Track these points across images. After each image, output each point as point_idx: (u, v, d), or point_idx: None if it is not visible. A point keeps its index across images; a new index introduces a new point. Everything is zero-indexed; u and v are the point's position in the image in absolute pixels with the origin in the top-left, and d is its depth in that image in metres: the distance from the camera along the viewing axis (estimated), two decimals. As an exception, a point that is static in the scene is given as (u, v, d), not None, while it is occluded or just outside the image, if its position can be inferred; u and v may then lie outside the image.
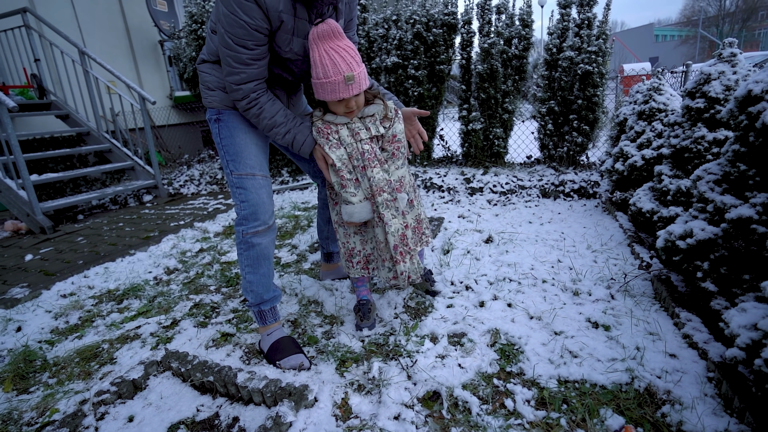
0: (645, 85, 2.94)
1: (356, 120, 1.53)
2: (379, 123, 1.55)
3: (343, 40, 1.38)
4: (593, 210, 3.17)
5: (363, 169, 1.53)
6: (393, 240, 1.53)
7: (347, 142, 1.52)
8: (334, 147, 1.51)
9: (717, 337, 1.42)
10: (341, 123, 1.52)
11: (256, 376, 1.37)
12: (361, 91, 1.45)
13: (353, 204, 1.53)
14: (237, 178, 1.52)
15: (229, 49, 1.34)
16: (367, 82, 1.46)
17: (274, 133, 1.50)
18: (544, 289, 1.96)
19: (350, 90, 1.38)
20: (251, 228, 1.53)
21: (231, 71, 1.39)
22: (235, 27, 1.29)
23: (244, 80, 1.40)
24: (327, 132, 1.52)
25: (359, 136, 1.52)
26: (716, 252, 1.51)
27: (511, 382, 1.37)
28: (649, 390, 1.28)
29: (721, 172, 1.57)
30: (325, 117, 1.53)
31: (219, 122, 1.55)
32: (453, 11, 4.28)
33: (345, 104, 1.44)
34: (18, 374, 1.62)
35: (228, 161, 1.54)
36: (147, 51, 7.05)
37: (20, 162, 3.48)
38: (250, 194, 1.52)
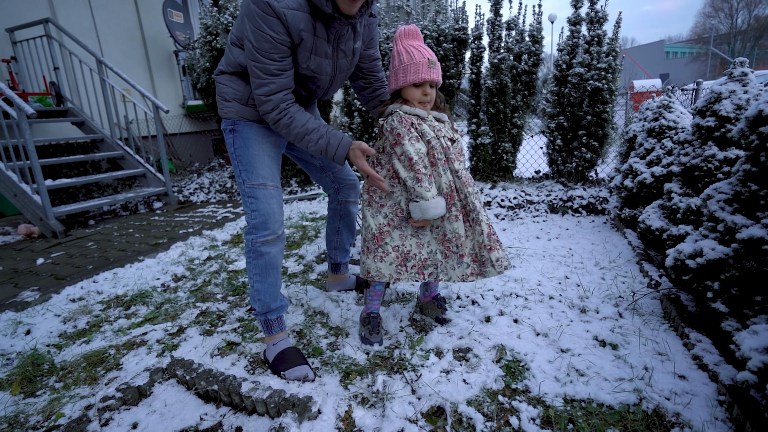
0: (655, 102, 2.94)
1: (432, 120, 1.55)
2: (449, 130, 1.59)
3: (422, 41, 1.53)
4: (601, 226, 3.14)
5: (446, 162, 1.53)
6: (486, 228, 1.53)
7: (430, 136, 1.51)
8: (414, 139, 1.49)
9: (728, 359, 1.40)
10: (422, 117, 1.53)
11: (260, 386, 1.37)
12: (437, 84, 1.52)
13: (427, 200, 1.48)
14: (249, 187, 1.54)
15: (257, 61, 1.38)
16: (440, 81, 1.54)
17: (306, 140, 1.50)
18: (551, 306, 1.95)
19: (432, 73, 1.46)
20: (261, 237, 1.54)
21: (260, 83, 1.41)
22: (262, 41, 1.34)
23: (273, 91, 1.42)
24: (409, 122, 1.50)
25: (441, 132, 1.53)
26: (727, 272, 1.49)
27: (517, 399, 1.36)
28: (657, 412, 1.26)
29: (732, 192, 1.56)
30: (402, 108, 1.53)
31: (234, 132, 1.58)
32: (463, 26, 4.33)
33: (423, 90, 1.48)
34: (26, 377, 1.64)
35: (241, 171, 1.56)
36: (162, 61, 7.20)
37: (36, 167, 3.55)
38: (261, 204, 1.53)
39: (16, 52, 5.04)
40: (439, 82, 1.54)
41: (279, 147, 1.68)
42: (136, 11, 6.74)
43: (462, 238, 1.56)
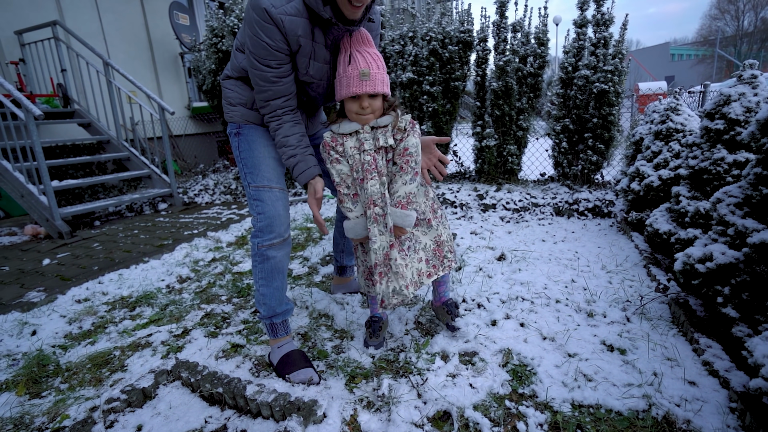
0: (662, 105, 2.92)
1: (367, 129, 1.47)
2: (390, 135, 1.49)
3: (371, 47, 1.43)
4: (608, 229, 3.12)
5: (361, 181, 1.48)
6: (374, 257, 1.47)
7: (349, 154, 1.48)
8: (334, 162, 1.50)
9: (739, 365, 1.38)
10: (349, 133, 1.48)
11: (265, 389, 1.37)
12: (377, 94, 1.42)
13: (349, 219, 1.53)
14: (254, 190, 1.54)
15: (255, 68, 1.41)
16: (386, 88, 1.44)
17: (281, 152, 1.52)
18: (558, 310, 1.93)
19: (363, 86, 1.38)
20: (267, 240, 1.53)
21: (259, 89, 1.45)
22: (259, 48, 1.36)
23: (271, 97, 1.45)
24: (331, 146, 1.50)
25: (362, 147, 1.47)
26: (737, 277, 1.47)
27: (524, 404, 1.34)
28: (667, 418, 1.24)
29: (742, 195, 1.54)
30: (332, 127, 1.52)
31: (239, 136, 1.59)
32: (469, 29, 4.33)
33: (359, 103, 1.42)
34: (31, 378, 1.64)
35: (246, 173, 1.57)
36: (168, 63, 7.24)
37: (43, 168, 3.57)
38: (267, 206, 1.53)
39: (24, 55, 5.08)
40: (379, 92, 1.42)
41: None
42: (142, 14, 6.78)
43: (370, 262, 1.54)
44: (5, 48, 5.04)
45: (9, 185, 3.78)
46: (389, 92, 1.47)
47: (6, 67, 5.03)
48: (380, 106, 1.47)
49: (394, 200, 1.50)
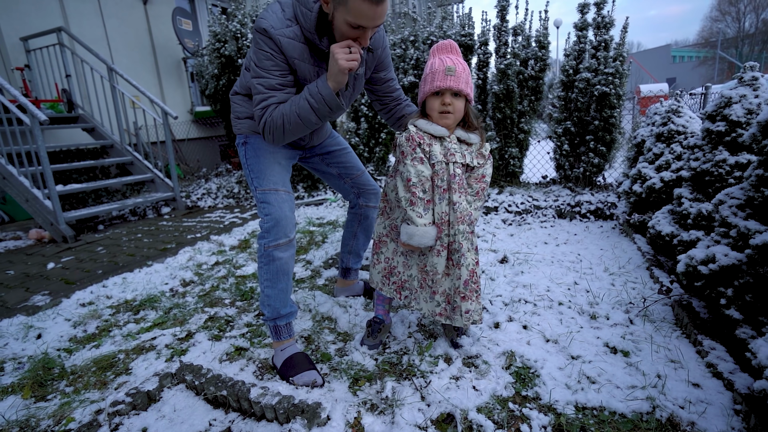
0: (663, 107, 2.92)
1: (454, 140, 1.45)
2: (474, 155, 1.48)
3: (459, 56, 1.45)
4: (610, 232, 3.12)
5: (445, 191, 1.44)
6: (466, 274, 1.47)
7: (438, 159, 1.42)
8: (417, 160, 1.41)
9: (743, 367, 1.38)
10: (437, 137, 1.44)
11: (269, 392, 1.37)
12: (461, 93, 1.41)
13: (417, 226, 1.42)
14: (261, 193, 1.58)
15: (260, 77, 1.45)
16: (469, 90, 1.43)
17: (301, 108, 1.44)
18: (561, 312, 1.93)
19: (448, 80, 1.37)
20: (273, 241, 1.54)
21: (261, 98, 1.46)
22: (263, 59, 1.43)
23: (270, 103, 1.46)
24: (418, 142, 1.42)
25: (453, 158, 1.43)
26: (741, 278, 1.47)
27: (527, 406, 1.34)
28: (671, 421, 1.24)
29: (744, 197, 1.55)
30: (418, 122, 1.46)
31: (246, 145, 1.67)
32: (470, 32, 4.35)
33: (441, 100, 1.40)
34: (37, 381, 1.65)
35: (253, 178, 1.62)
36: (171, 67, 7.29)
37: (47, 173, 3.59)
38: (273, 208, 1.56)
39: (29, 60, 5.13)
40: (463, 92, 1.41)
41: (290, 158, 1.75)
42: (146, 19, 6.83)
43: (439, 275, 1.50)
44: (11, 54, 5.09)
45: (14, 190, 3.80)
46: (472, 97, 1.46)
47: (12, 73, 5.07)
48: (462, 109, 1.43)
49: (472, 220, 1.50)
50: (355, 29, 1.37)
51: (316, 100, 1.43)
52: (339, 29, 1.40)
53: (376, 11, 1.32)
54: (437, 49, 1.47)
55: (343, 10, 1.32)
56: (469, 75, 1.43)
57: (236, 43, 5.13)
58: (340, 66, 1.37)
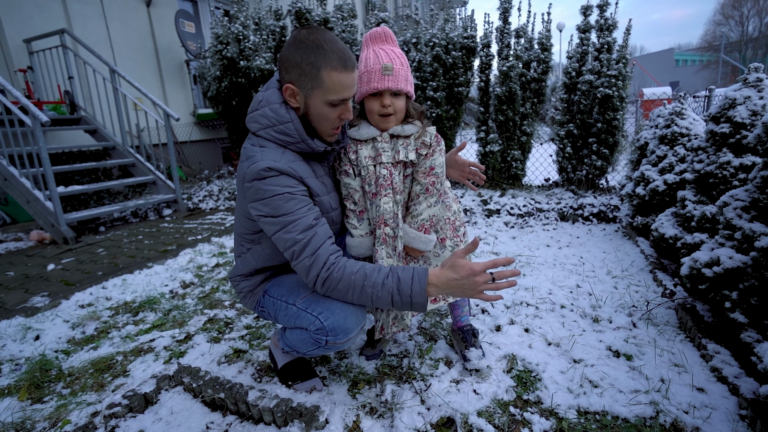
0: (666, 110, 2.90)
1: (385, 138, 1.34)
2: (413, 148, 1.35)
3: (394, 46, 1.34)
4: (613, 234, 3.10)
5: (374, 196, 1.34)
6: None
7: (363, 165, 1.34)
8: (343, 173, 1.38)
9: (748, 371, 1.35)
10: (366, 139, 1.35)
11: (267, 395, 1.35)
12: (401, 92, 1.30)
13: (353, 237, 1.41)
14: (303, 301, 1.31)
15: (287, 227, 1.20)
16: (409, 87, 1.32)
17: (365, 290, 1.19)
18: (563, 315, 1.91)
19: (386, 81, 1.26)
20: (342, 338, 1.27)
21: (300, 248, 1.20)
22: (283, 203, 1.20)
23: (318, 245, 1.21)
24: (343, 152, 1.38)
25: (380, 158, 1.33)
26: (745, 281, 1.45)
27: (528, 410, 1.32)
28: (675, 426, 1.22)
29: (749, 199, 1.53)
30: (350, 131, 1.37)
31: (266, 294, 1.44)
32: (472, 35, 4.34)
33: (380, 101, 1.29)
34: (33, 383, 1.63)
35: (284, 301, 1.36)
36: (173, 70, 7.31)
37: (49, 174, 3.60)
38: (325, 301, 1.27)
39: (32, 62, 5.15)
40: (403, 90, 1.31)
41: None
42: (149, 22, 6.86)
43: None
44: (14, 56, 5.11)
45: (15, 191, 3.81)
46: (413, 93, 1.35)
47: (14, 74, 5.09)
48: (403, 108, 1.33)
49: (417, 223, 1.39)
50: (336, 106, 1.25)
51: (402, 299, 1.17)
52: (320, 115, 1.26)
53: (353, 78, 1.24)
54: (370, 39, 1.34)
55: (320, 92, 1.21)
56: (408, 69, 1.33)
57: (238, 45, 5.14)
58: (469, 294, 1.17)
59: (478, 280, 1.14)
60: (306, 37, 1.20)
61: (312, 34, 1.20)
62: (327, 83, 1.20)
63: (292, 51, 1.21)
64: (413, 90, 1.36)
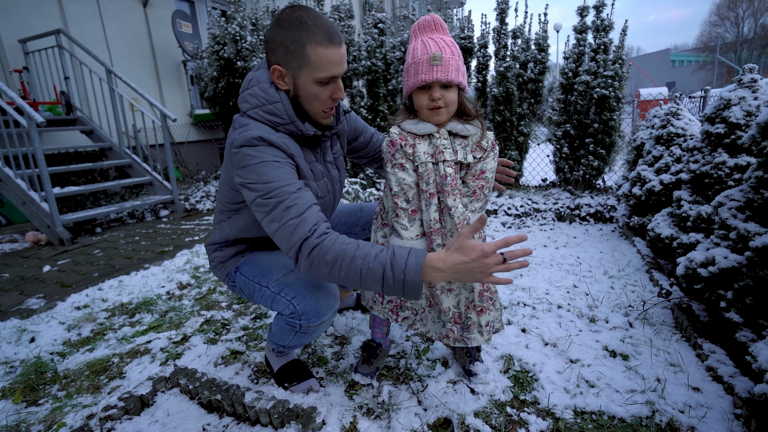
0: (663, 110, 2.92)
1: (444, 134, 1.24)
2: (470, 150, 1.26)
3: (445, 35, 1.22)
4: (610, 234, 3.11)
5: (432, 196, 1.23)
6: (478, 284, 1.27)
7: (422, 161, 1.22)
8: (397, 167, 1.25)
9: (743, 371, 1.36)
10: (422, 134, 1.24)
11: (264, 396, 1.35)
12: (452, 83, 1.19)
13: (402, 238, 1.25)
14: (275, 284, 1.32)
15: (271, 194, 1.14)
16: (461, 78, 1.21)
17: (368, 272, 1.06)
18: (560, 315, 1.92)
19: (434, 72, 1.16)
20: (315, 321, 1.29)
21: (284, 211, 1.12)
22: (271, 170, 1.16)
23: (303, 207, 1.13)
24: (400, 145, 1.24)
25: (442, 156, 1.22)
26: (741, 281, 1.45)
27: (525, 411, 1.32)
28: (671, 425, 1.22)
29: (744, 199, 1.53)
30: (403, 123, 1.27)
31: (238, 269, 1.44)
32: (469, 35, 4.35)
33: (429, 95, 1.19)
34: (28, 386, 1.63)
35: (257, 282, 1.36)
36: (170, 70, 7.29)
37: (44, 175, 3.58)
38: (298, 285, 1.29)
39: (28, 63, 5.13)
40: (454, 82, 1.19)
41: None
42: (145, 22, 6.84)
43: (437, 290, 1.30)
44: (9, 56, 5.09)
45: (11, 192, 3.79)
46: (466, 84, 1.24)
47: (10, 75, 5.07)
48: (455, 100, 1.22)
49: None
50: (326, 85, 1.22)
51: (395, 276, 1.05)
52: (310, 96, 1.23)
53: (341, 53, 1.19)
54: (418, 28, 1.24)
55: (308, 70, 1.18)
56: (460, 57, 1.21)
57: (235, 45, 5.13)
58: (478, 278, 1.06)
59: (489, 262, 1.02)
60: (289, 15, 1.17)
61: (295, 11, 1.17)
62: (314, 60, 1.16)
63: (276, 30, 1.18)
64: (466, 81, 1.24)
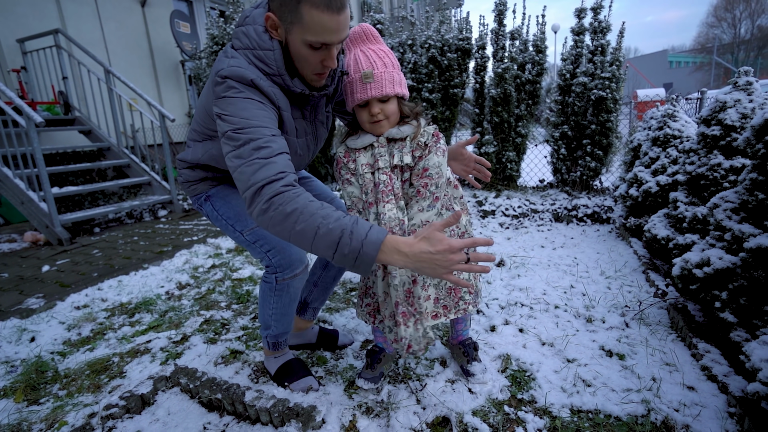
0: (659, 112, 2.94)
1: (382, 143, 1.26)
2: (408, 150, 1.26)
3: (378, 44, 1.24)
4: (606, 235, 3.13)
5: (371, 204, 1.25)
6: (395, 295, 1.22)
7: (360, 173, 1.26)
8: (346, 183, 1.30)
9: (738, 370, 1.38)
10: (363, 147, 1.28)
11: (264, 395, 1.36)
12: (387, 96, 1.21)
13: None
14: (250, 233, 1.35)
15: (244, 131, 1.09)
16: (397, 88, 1.22)
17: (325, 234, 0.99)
18: (557, 315, 1.93)
19: (367, 90, 1.18)
20: (290, 273, 1.34)
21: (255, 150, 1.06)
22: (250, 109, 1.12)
23: (274, 152, 1.08)
24: (344, 162, 1.29)
25: (377, 164, 1.25)
26: (735, 282, 1.47)
27: (523, 409, 1.34)
28: (666, 423, 1.24)
29: (738, 201, 1.55)
30: (348, 141, 1.31)
31: (210, 198, 1.44)
32: (467, 36, 4.37)
33: (368, 111, 1.22)
34: (29, 385, 1.63)
35: (233, 225, 1.38)
36: (169, 70, 7.29)
37: (43, 175, 3.58)
38: (273, 239, 1.31)
39: (25, 62, 5.12)
40: (389, 95, 1.20)
41: None
42: (143, 22, 6.84)
43: (381, 297, 1.28)
44: (7, 56, 5.08)
45: (9, 192, 3.79)
46: (404, 92, 1.25)
47: (8, 74, 5.06)
48: (395, 110, 1.25)
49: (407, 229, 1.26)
50: (317, 50, 1.13)
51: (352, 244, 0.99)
52: (299, 56, 1.16)
53: (339, 21, 1.08)
54: (350, 41, 1.25)
55: (299, 29, 1.09)
56: (395, 67, 1.22)
57: (234, 46, 5.13)
58: (438, 272, 1.01)
59: (453, 258, 1.00)
60: None
61: None
62: (306, 20, 1.07)
63: None
64: (405, 89, 1.26)
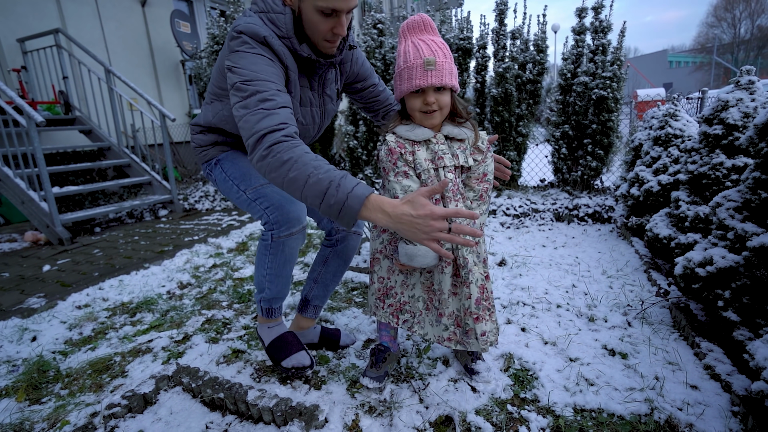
0: (660, 111, 2.94)
1: (441, 139, 1.25)
2: (469, 153, 1.27)
3: (435, 36, 1.22)
4: (608, 235, 3.13)
5: (437, 202, 1.23)
6: (476, 291, 1.26)
7: (423, 168, 1.23)
8: (401, 175, 1.23)
9: (741, 369, 1.38)
10: (420, 140, 1.24)
11: (266, 394, 1.36)
12: (446, 87, 1.20)
13: (415, 245, 1.20)
14: (252, 192, 1.38)
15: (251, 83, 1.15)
16: (454, 80, 1.20)
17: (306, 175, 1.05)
18: (559, 314, 1.93)
19: (428, 77, 1.15)
20: (286, 231, 1.35)
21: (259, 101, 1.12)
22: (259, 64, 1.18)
23: (278, 104, 1.14)
24: (399, 153, 1.23)
25: (442, 162, 1.22)
26: (738, 281, 1.47)
27: (526, 408, 1.34)
28: (670, 422, 1.24)
29: (741, 200, 1.55)
30: (397, 129, 1.26)
31: (219, 162, 1.50)
32: (468, 36, 4.37)
33: (423, 99, 1.19)
34: (31, 384, 1.63)
35: (237, 185, 1.42)
36: (169, 70, 7.29)
37: (44, 175, 3.58)
38: (273, 197, 1.34)
39: (26, 62, 5.12)
40: (448, 85, 1.19)
41: None
42: (144, 22, 6.83)
43: (445, 295, 1.30)
44: (7, 56, 5.07)
45: (10, 192, 3.78)
46: (458, 86, 1.24)
47: (8, 74, 5.06)
48: (448, 103, 1.23)
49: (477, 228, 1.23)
50: (328, 16, 1.20)
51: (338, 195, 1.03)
52: (310, 22, 1.22)
53: None
54: (408, 29, 1.22)
55: None
56: (452, 60, 1.22)
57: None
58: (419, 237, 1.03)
59: (433, 225, 1.00)
60: None
61: None
62: None
63: None
64: (458, 83, 1.28)
